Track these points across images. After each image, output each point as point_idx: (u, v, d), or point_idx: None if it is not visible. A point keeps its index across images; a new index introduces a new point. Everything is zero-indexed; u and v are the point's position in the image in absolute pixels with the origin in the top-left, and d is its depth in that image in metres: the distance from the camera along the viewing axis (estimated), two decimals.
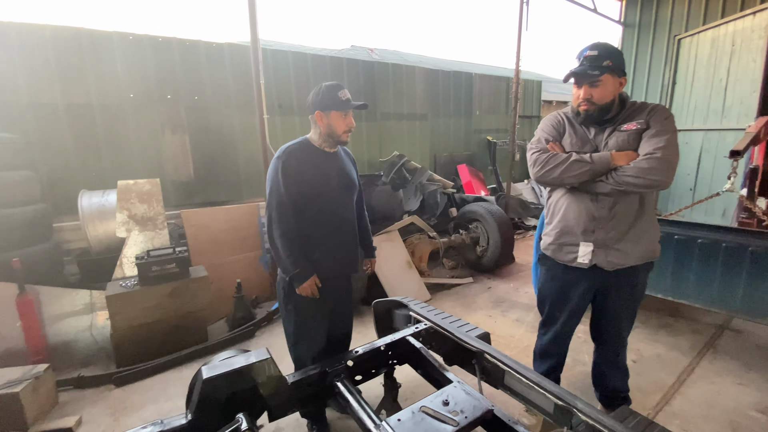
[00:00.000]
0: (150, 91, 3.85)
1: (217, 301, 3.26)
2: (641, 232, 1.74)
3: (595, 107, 1.67)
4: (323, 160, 1.92)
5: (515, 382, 1.72)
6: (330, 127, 1.89)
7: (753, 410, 2.19)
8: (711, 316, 3.21)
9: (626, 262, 1.74)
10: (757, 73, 4.62)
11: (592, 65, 1.62)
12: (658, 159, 1.55)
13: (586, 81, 1.65)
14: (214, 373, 1.46)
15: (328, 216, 1.94)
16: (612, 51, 1.65)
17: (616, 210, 1.71)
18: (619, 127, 1.70)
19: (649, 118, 1.66)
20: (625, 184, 1.61)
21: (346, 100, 1.87)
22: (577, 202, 1.78)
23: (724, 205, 4.91)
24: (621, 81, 1.67)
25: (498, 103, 7.24)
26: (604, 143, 1.72)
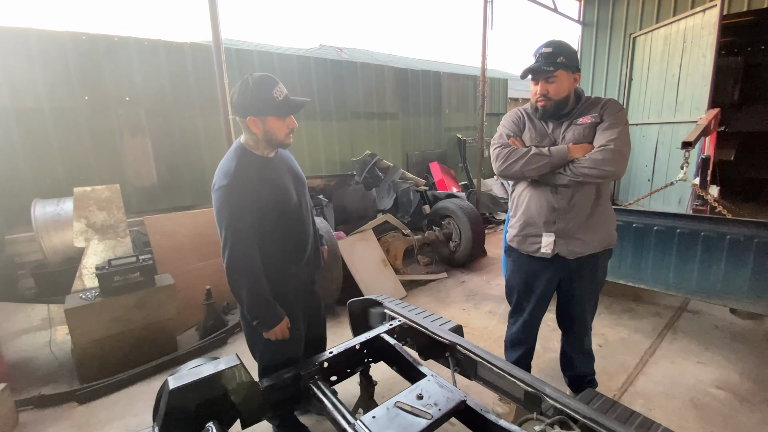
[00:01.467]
0: (106, 93, 3.67)
1: (186, 310, 3.15)
2: (599, 221, 1.82)
3: (551, 102, 1.74)
4: (272, 169, 1.66)
5: (487, 372, 1.76)
6: (268, 133, 1.60)
7: (712, 387, 2.32)
8: (670, 299, 3.39)
9: (586, 251, 1.82)
10: (707, 68, 4.89)
11: (546, 62, 1.69)
12: (611, 150, 1.63)
13: (541, 77, 1.72)
14: (181, 382, 1.41)
15: (295, 227, 1.75)
16: (565, 48, 1.72)
17: (575, 201, 1.78)
18: (575, 121, 1.77)
19: (602, 111, 1.74)
20: (581, 175, 1.67)
21: (283, 99, 1.56)
22: (538, 195, 1.84)
23: (680, 194, 5.19)
24: (575, 77, 1.74)
25: (466, 101, 7.36)
26: (561, 136, 1.79)
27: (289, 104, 1.58)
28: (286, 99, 1.58)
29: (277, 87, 1.55)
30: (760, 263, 2.33)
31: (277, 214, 1.65)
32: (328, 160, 5.30)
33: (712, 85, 4.82)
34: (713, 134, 4.36)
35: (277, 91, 1.55)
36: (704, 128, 3.58)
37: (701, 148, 4.53)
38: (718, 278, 2.48)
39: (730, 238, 2.40)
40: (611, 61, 7.17)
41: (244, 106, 1.55)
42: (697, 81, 5.18)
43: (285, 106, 1.57)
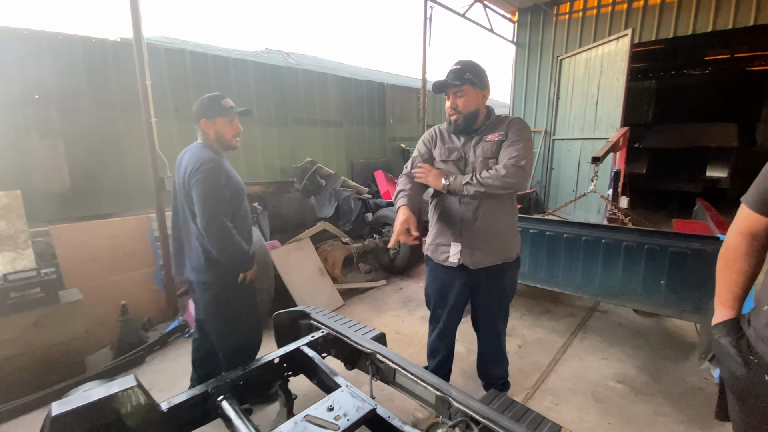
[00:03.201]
0: (11, 89, 3.31)
1: (98, 327, 2.90)
2: (500, 235, 1.93)
3: (461, 116, 1.86)
4: (227, 162, 2.06)
5: (404, 378, 1.81)
6: (218, 133, 2.01)
7: (612, 381, 2.56)
8: (584, 300, 3.70)
9: (487, 262, 1.93)
10: (620, 90, 5.42)
11: (454, 77, 1.82)
12: (513, 166, 1.76)
13: (449, 90, 1.85)
14: (64, 409, 1.31)
15: (246, 218, 2.13)
16: (472, 66, 1.85)
17: (479, 213, 1.89)
18: (484, 137, 1.89)
19: (507, 129, 1.87)
20: (485, 186, 1.77)
21: (229, 107, 2.00)
22: (448, 206, 1.95)
23: (598, 203, 5.69)
24: (483, 93, 1.87)
25: (410, 112, 7.57)
26: (472, 150, 1.91)
27: (233, 109, 2.01)
28: (231, 107, 2.02)
29: (225, 99, 2.01)
30: (650, 267, 2.62)
31: (238, 202, 2.04)
32: (267, 166, 5.17)
33: (624, 105, 5.36)
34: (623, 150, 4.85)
35: (225, 101, 2.01)
36: (613, 144, 3.99)
37: (613, 162, 5.03)
38: (617, 281, 2.76)
39: (626, 244, 2.67)
40: (541, 80, 7.75)
41: (199, 112, 1.99)
42: (612, 101, 5.74)
43: (230, 109, 2.01)
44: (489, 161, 1.85)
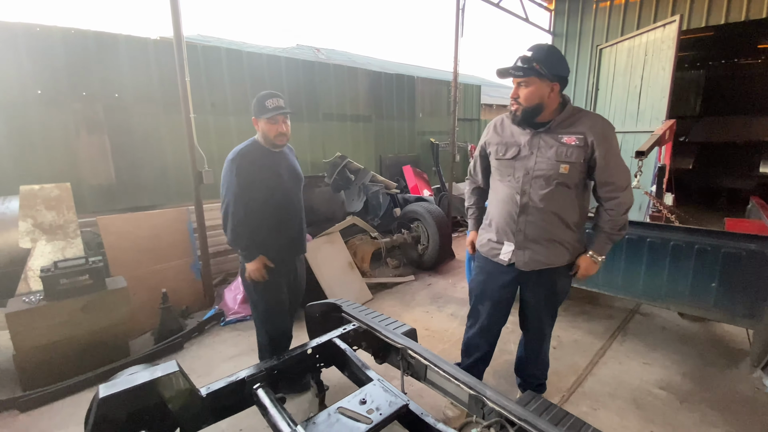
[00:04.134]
0: (61, 87, 3.51)
1: (141, 314, 3.05)
2: (562, 236, 1.81)
3: (521, 108, 1.70)
4: (271, 159, 2.15)
5: (435, 375, 1.78)
6: (263, 132, 2.13)
7: (655, 387, 2.43)
8: (624, 302, 3.52)
9: (541, 265, 1.84)
10: (666, 80, 5.10)
11: (520, 65, 1.65)
12: (627, 201, 1.77)
13: (511, 78, 1.70)
14: (111, 391, 1.37)
15: (282, 207, 2.20)
16: (545, 53, 1.64)
17: (540, 212, 1.77)
18: (559, 137, 1.71)
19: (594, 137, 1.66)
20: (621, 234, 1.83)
21: (273, 107, 2.06)
22: (505, 200, 1.85)
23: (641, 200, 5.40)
24: (553, 86, 1.65)
25: (440, 106, 7.45)
26: (538, 148, 1.74)
27: (273, 110, 2.06)
28: (275, 107, 2.07)
29: (271, 99, 2.07)
30: (699, 268, 2.45)
31: (268, 193, 2.13)
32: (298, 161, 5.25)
33: (670, 97, 5.03)
34: (669, 144, 4.57)
35: (270, 102, 2.06)
36: (658, 138, 3.75)
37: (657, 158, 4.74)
38: (662, 282, 2.60)
39: (674, 244, 2.51)
40: (579, 71, 7.41)
41: (252, 111, 2.12)
42: (656, 93, 5.40)
43: (272, 111, 2.05)
44: (561, 166, 1.69)
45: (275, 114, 2.06)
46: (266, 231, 2.16)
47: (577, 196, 1.79)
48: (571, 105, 1.76)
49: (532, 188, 1.76)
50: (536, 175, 1.74)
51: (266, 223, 2.16)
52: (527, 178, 1.76)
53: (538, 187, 1.75)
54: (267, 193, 2.12)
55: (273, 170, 2.14)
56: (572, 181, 1.73)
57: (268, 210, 2.15)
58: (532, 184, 1.76)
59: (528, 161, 1.76)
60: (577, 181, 1.74)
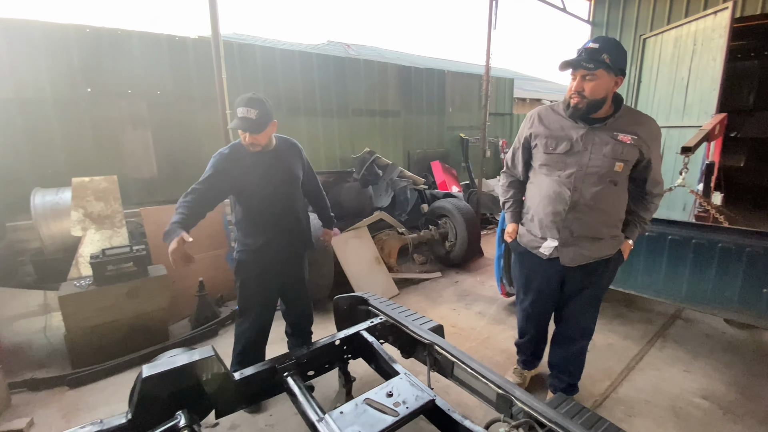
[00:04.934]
0: (109, 85, 3.73)
1: (179, 301, 3.20)
2: (608, 230, 1.82)
3: (585, 101, 1.65)
4: (255, 161, 2.10)
5: (462, 372, 1.77)
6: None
7: (696, 396, 2.30)
8: (665, 306, 3.35)
9: (583, 261, 1.83)
10: (716, 71, 4.79)
11: (588, 58, 1.58)
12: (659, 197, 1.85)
13: (579, 72, 1.63)
14: (154, 371, 1.45)
15: (265, 208, 2.17)
16: (613, 46, 1.61)
17: (586, 206, 1.75)
18: (614, 134, 1.68)
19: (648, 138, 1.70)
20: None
21: (241, 117, 1.97)
22: (550, 201, 1.82)
23: (685, 199, 5.10)
24: (617, 80, 1.64)
25: (470, 100, 7.31)
26: (593, 144, 1.70)
27: (238, 122, 1.98)
28: (242, 118, 1.97)
29: (242, 108, 1.96)
30: (750, 272, 2.29)
31: (245, 191, 2.13)
32: (328, 157, 5.33)
33: (721, 89, 4.71)
34: (718, 140, 4.27)
35: (241, 110, 1.96)
36: (707, 133, 3.52)
37: (706, 154, 4.45)
38: (708, 286, 2.45)
39: (722, 246, 2.36)
40: None
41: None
42: (706, 85, 5.06)
43: (238, 121, 1.98)
44: (616, 164, 1.67)
45: (236, 128, 1.99)
46: (258, 229, 2.18)
47: (622, 193, 1.81)
48: (623, 101, 1.75)
49: (584, 185, 1.72)
50: (589, 172, 1.71)
51: (257, 222, 2.17)
52: (579, 174, 1.72)
53: (590, 184, 1.72)
54: (247, 192, 2.12)
55: (250, 171, 2.09)
56: (621, 179, 1.75)
57: (255, 209, 2.16)
58: (585, 180, 1.72)
59: (582, 157, 1.71)
60: (624, 179, 1.78)
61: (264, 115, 2.02)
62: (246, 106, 1.97)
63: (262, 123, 2.02)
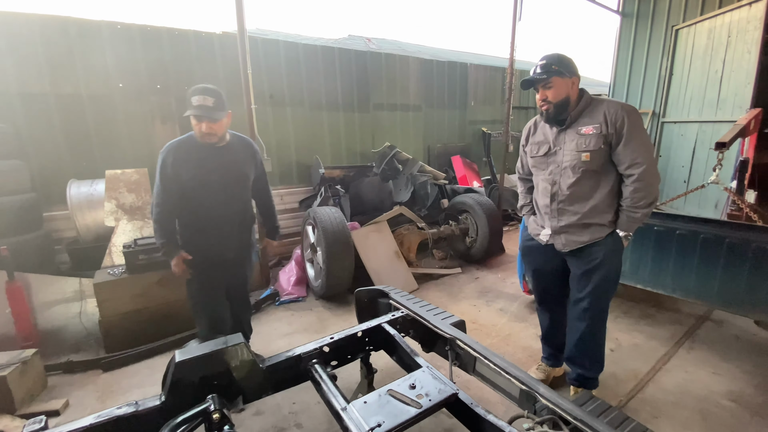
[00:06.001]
0: (140, 81, 3.85)
1: None
2: (591, 220, 1.96)
3: (551, 105, 1.92)
4: (205, 155, 2.06)
5: (485, 368, 1.77)
6: (194, 128, 2.03)
7: (725, 399, 2.23)
8: (693, 307, 3.24)
9: (575, 246, 2.00)
10: (752, 64, 4.57)
11: (541, 71, 1.90)
12: (644, 184, 1.84)
13: (538, 85, 1.92)
14: (186, 356, 1.51)
15: (208, 207, 2.12)
16: (557, 58, 1.91)
17: (567, 197, 1.98)
18: (578, 129, 1.92)
19: (610, 122, 1.84)
20: (642, 218, 1.91)
21: (197, 106, 1.93)
22: (542, 195, 2.10)
23: (717, 197, 4.90)
24: (573, 81, 1.91)
25: (493, 93, 7.19)
26: (563, 143, 1.97)
27: (197, 110, 1.94)
28: (199, 106, 1.94)
29: (198, 96, 1.94)
30: None
31: (192, 189, 2.07)
32: (349, 151, 5.35)
33: (756, 83, 4.50)
34: (753, 135, 4.08)
35: (197, 99, 1.93)
36: (742, 129, 3.37)
37: (740, 150, 4.26)
38: (741, 288, 2.36)
39: (756, 246, 2.26)
40: (651, 54, 6.79)
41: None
42: (740, 78, 4.84)
43: (194, 109, 1.94)
44: (582, 155, 1.89)
45: (196, 114, 1.94)
46: (192, 227, 2.15)
47: (605, 180, 1.93)
48: (588, 96, 1.95)
49: (562, 178, 1.98)
50: (564, 167, 1.97)
51: (191, 220, 2.13)
52: (557, 170, 2.00)
53: (566, 177, 1.97)
54: (193, 190, 2.07)
55: (201, 166, 2.05)
56: (596, 166, 1.90)
57: (198, 208, 2.11)
58: (562, 175, 1.98)
59: (557, 156, 2.00)
60: (602, 164, 1.90)
61: (221, 103, 1.99)
62: (202, 95, 1.94)
63: (220, 111, 1.99)
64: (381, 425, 1.33)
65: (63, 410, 2.25)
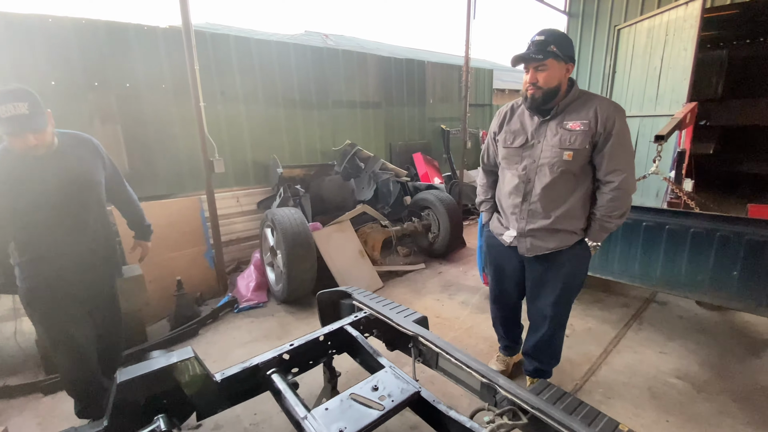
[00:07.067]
0: (75, 77, 3.54)
1: (157, 301, 3.11)
2: (561, 226, 1.81)
3: (540, 91, 1.70)
4: (27, 169, 1.67)
5: (447, 363, 1.78)
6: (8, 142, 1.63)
7: (672, 377, 2.39)
8: (640, 290, 3.46)
9: (539, 252, 1.87)
10: (688, 61, 4.90)
11: (536, 49, 1.66)
12: (623, 193, 1.71)
13: (531, 64, 1.70)
14: (129, 376, 1.40)
15: (52, 226, 1.77)
16: (558, 36, 1.68)
17: (537, 197, 1.81)
18: (564, 122, 1.73)
19: (600, 122, 1.67)
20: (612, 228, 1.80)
21: (9, 118, 1.53)
22: (510, 193, 1.92)
23: (658, 187, 5.26)
24: (567, 67, 1.70)
25: (451, 91, 7.31)
26: (545, 136, 1.77)
27: (11, 122, 1.54)
28: (12, 118, 1.54)
29: (7, 105, 1.53)
30: (720, 256, 2.38)
31: (27, 210, 1.71)
32: (308, 150, 5.23)
33: (692, 78, 4.84)
34: (689, 128, 4.41)
35: (4, 109, 1.52)
36: (679, 122, 3.62)
37: (677, 142, 4.59)
38: (681, 270, 2.53)
39: (693, 231, 2.44)
40: (596, 53, 7.17)
41: None
42: (677, 74, 5.20)
43: (7, 123, 1.54)
44: (564, 153, 1.71)
45: (9, 130, 1.55)
46: (41, 250, 1.78)
47: (582, 182, 1.79)
48: (578, 88, 1.77)
49: (537, 177, 1.79)
50: (541, 164, 1.77)
51: (38, 241, 1.77)
52: (533, 166, 1.80)
53: (542, 175, 1.78)
54: (22, 213, 1.71)
55: (27, 180, 1.68)
56: (576, 167, 1.74)
57: (25, 231, 1.75)
58: (538, 172, 1.79)
59: (535, 150, 1.79)
60: (582, 166, 1.75)
61: (36, 104, 1.61)
62: (11, 102, 1.53)
63: (41, 115, 1.62)
64: (343, 431, 1.30)
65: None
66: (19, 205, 1.69)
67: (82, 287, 1.92)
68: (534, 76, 1.70)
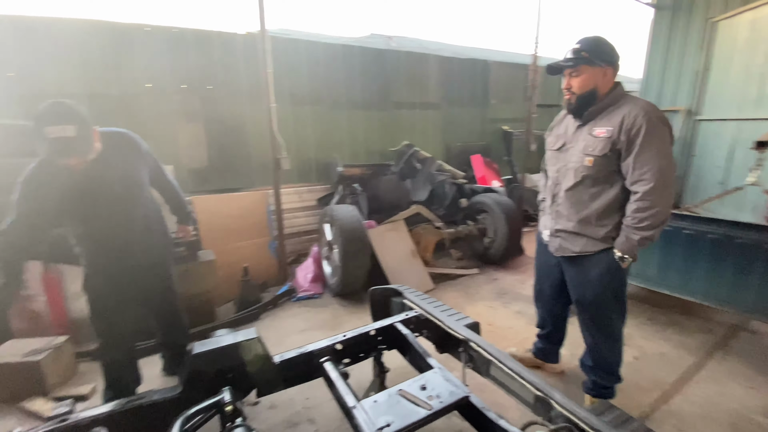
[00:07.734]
0: (166, 81, 3.98)
1: (225, 285, 3.38)
2: (582, 230, 1.86)
3: (574, 96, 1.78)
4: (68, 183, 1.69)
5: (499, 372, 1.73)
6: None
7: (759, 414, 2.10)
8: (726, 315, 3.07)
9: (565, 253, 1.94)
10: None
11: (570, 57, 1.76)
12: (650, 200, 1.64)
13: (563, 71, 1.80)
14: (202, 349, 1.55)
15: (103, 231, 1.86)
16: (591, 42, 1.75)
17: (562, 199, 1.90)
18: (592, 129, 1.77)
19: (626, 128, 1.66)
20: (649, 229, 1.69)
21: (54, 139, 1.49)
22: (545, 192, 2.08)
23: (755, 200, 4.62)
24: (605, 71, 1.73)
25: (515, 91, 7.02)
26: (576, 141, 1.84)
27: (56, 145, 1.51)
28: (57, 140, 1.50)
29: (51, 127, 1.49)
30: None
31: (76, 220, 1.81)
32: (368, 150, 5.36)
33: None
34: None
35: (52, 130, 1.49)
36: None
37: None
38: None
39: None
40: (687, 49, 6.45)
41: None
42: None
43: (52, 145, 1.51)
44: (585, 159, 1.76)
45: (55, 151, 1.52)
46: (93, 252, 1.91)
47: (608, 190, 1.78)
48: (620, 91, 1.76)
49: (564, 180, 1.87)
50: (569, 168, 1.85)
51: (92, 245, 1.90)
52: (563, 170, 1.88)
53: (568, 179, 1.85)
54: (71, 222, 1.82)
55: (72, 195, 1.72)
56: (599, 174, 1.75)
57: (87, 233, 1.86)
58: (566, 175, 1.87)
59: (567, 154, 1.87)
60: (607, 173, 1.75)
61: (84, 126, 1.57)
62: (58, 124, 1.50)
63: (87, 138, 1.58)
64: (390, 425, 1.33)
65: (90, 395, 2.36)
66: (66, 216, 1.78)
67: (137, 275, 2.04)
68: (568, 82, 1.79)
